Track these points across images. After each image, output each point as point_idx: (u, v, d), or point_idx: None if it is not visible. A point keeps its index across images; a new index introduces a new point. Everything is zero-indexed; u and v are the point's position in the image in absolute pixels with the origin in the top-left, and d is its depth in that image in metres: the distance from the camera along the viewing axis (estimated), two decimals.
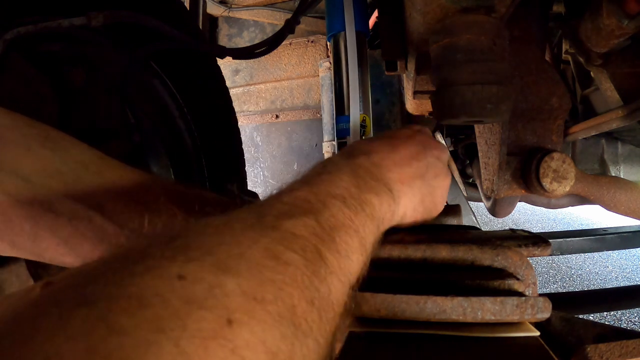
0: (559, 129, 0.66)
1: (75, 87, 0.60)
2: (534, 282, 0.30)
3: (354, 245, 0.25)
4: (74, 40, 0.60)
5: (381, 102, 1.36)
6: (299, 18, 0.79)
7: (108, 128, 0.64)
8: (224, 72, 0.93)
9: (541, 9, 0.71)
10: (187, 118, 0.79)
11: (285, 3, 1.59)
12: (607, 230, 1.20)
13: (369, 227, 0.27)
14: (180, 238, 0.18)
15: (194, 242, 0.18)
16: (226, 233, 0.19)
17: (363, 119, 0.76)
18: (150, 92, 0.75)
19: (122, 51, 0.65)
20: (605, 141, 1.00)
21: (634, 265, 2.38)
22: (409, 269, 0.31)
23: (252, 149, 1.63)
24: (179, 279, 0.15)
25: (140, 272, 0.15)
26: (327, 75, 1.40)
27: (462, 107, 0.45)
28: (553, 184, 0.62)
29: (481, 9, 0.44)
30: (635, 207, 0.71)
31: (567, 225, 3.36)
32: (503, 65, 0.46)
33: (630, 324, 1.71)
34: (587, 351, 0.27)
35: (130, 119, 0.67)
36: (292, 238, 0.21)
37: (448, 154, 0.39)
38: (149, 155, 0.76)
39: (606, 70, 0.68)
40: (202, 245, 0.18)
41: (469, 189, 1.31)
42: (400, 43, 0.64)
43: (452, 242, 0.32)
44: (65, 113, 0.59)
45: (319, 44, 1.56)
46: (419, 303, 0.27)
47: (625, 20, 0.53)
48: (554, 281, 2.20)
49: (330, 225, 0.24)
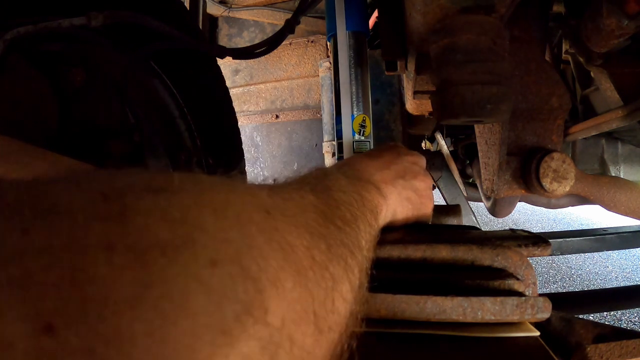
0: (559, 129, 0.66)
1: (75, 87, 0.60)
2: (534, 282, 0.30)
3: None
4: (74, 40, 0.60)
5: (381, 102, 1.36)
6: (299, 18, 0.79)
7: (108, 128, 0.64)
8: (224, 72, 0.93)
9: (541, 9, 0.71)
10: (187, 118, 0.79)
11: (285, 3, 1.59)
12: (607, 230, 1.20)
13: (367, 216, 0.29)
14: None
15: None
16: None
17: (363, 119, 0.76)
18: (150, 92, 0.75)
19: (122, 51, 0.65)
20: (605, 141, 1.00)
21: (634, 265, 2.38)
22: (409, 269, 0.31)
23: (252, 149, 1.63)
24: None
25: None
26: (327, 75, 1.40)
27: (462, 107, 0.45)
28: (553, 184, 0.62)
29: (481, 9, 0.44)
30: (635, 207, 0.71)
31: (567, 225, 3.35)
32: (503, 65, 0.46)
33: (630, 324, 1.71)
34: (587, 351, 0.27)
35: (130, 119, 0.67)
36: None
37: (424, 160, 0.44)
38: (149, 155, 0.76)
39: (606, 70, 0.68)
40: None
41: (469, 189, 1.31)
42: (400, 43, 0.64)
43: (452, 242, 0.32)
44: (65, 113, 0.59)
45: (319, 44, 1.56)
46: (419, 303, 0.27)
47: (625, 20, 0.52)
48: (554, 281, 2.20)
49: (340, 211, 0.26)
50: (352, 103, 0.75)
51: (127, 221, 0.12)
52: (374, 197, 0.33)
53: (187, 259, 0.13)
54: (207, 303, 0.12)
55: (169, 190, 0.15)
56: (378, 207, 0.34)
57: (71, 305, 0.10)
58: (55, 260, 0.11)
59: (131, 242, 0.12)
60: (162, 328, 0.11)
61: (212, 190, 0.16)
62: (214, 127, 0.86)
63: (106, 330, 0.10)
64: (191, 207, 0.14)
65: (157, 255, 0.12)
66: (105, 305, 0.10)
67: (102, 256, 0.11)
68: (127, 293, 0.11)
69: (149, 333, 0.11)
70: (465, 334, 0.26)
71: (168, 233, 0.13)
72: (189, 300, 0.12)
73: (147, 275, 0.11)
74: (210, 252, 0.13)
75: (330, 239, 0.21)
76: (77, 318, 0.10)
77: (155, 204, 0.14)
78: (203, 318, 0.12)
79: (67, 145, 0.59)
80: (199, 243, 0.13)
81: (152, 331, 0.11)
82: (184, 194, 0.15)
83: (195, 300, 0.12)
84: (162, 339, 0.11)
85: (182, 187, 0.15)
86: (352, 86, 0.76)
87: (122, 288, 0.11)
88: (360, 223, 0.26)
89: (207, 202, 0.15)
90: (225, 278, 0.13)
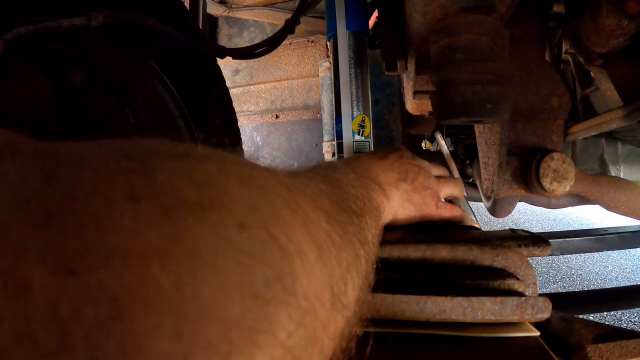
0: (559, 129, 0.65)
1: (75, 87, 0.60)
2: (534, 282, 0.30)
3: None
4: (74, 40, 0.60)
5: (381, 102, 1.36)
6: (299, 18, 0.79)
7: (108, 128, 0.64)
8: (224, 72, 0.93)
9: (541, 9, 0.71)
10: (187, 118, 0.79)
11: (285, 3, 1.59)
12: (607, 230, 1.20)
13: (373, 212, 0.30)
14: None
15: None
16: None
17: (362, 119, 0.76)
18: (150, 92, 0.75)
19: (122, 51, 0.65)
20: (605, 141, 1.00)
21: (634, 265, 2.38)
22: (409, 269, 0.31)
23: (252, 149, 1.63)
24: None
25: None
26: (327, 75, 1.40)
27: (462, 107, 0.45)
28: (553, 184, 0.62)
29: (481, 9, 0.44)
30: (635, 207, 0.71)
31: (567, 225, 3.35)
32: (503, 65, 0.46)
33: (630, 324, 1.71)
34: (587, 351, 0.27)
35: (130, 119, 0.67)
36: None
37: (427, 164, 0.46)
38: None
39: (606, 70, 0.68)
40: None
41: (469, 189, 1.31)
42: (400, 43, 0.64)
43: (452, 242, 0.32)
44: (65, 113, 0.59)
45: (319, 44, 1.56)
46: (419, 303, 0.27)
47: (625, 20, 0.53)
48: (554, 281, 2.20)
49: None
50: (352, 103, 0.75)
51: (153, 178, 0.12)
52: (378, 197, 0.34)
53: (215, 219, 0.12)
54: (236, 265, 0.12)
55: (193, 156, 0.14)
56: (381, 206, 0.34)
57: (94, 251, 0.10)
58: (79, 206, 0.10)
59: (157, 197, 0.11)
60: (191, 285, 0.10)
61: (236, 163, 0.16)
62: (214, 127, 0.86)
63: (131, 280, 0.10)
64: (216, 173, 0.14)
65: (185, 213, 0.12)
66: (130, 255, 0.10)
67: (128, 207, 0.11)
68: (154, 245, 0.10)
69: (178, 288, 0.10)
70: (465, 334, 0.26)
71: (194, 194, 0.12)
72: (218, 259, 0.11)
73: (175, 230, 0.11)
74: (238, 215, 0.13)
75: (344, 225, 0.21)
76: (100, 264, 0.09)
77: (180, 166, 0.13)
78: (233, 279, 0.11)
79: None
80: (226, 206, 0.13)
81: (181, 286, 0.10)
82: (209, 161, 0.15)
83: (225, 260, 0.12)
84: (192, 295, 0.10)
85: (206, 155, 0.15)
86: (352, 86, 0.76)
87: (149, 240, 0.10)
88: (367, 217, 0.27)
89: (232, 171, 0.15)
90: (255, 241, 0.13)
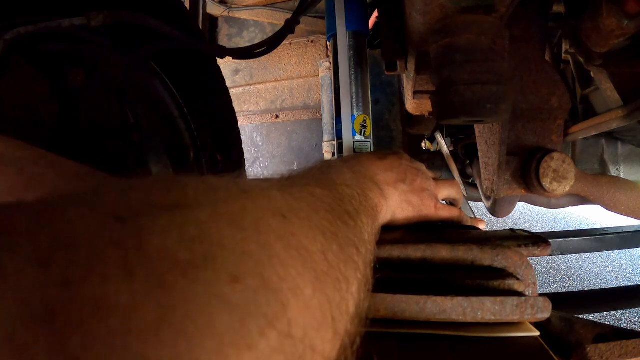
0: (559, 129, 0.65)
1: (75, 87, 0.60)
2: (534, 282, 0.30)
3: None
4: (74, 40, 0.60)
5: (381, 102, 1.36)
6: (299, 18, 0.79)
7: (108, 128, 0.64)
8: (224, 72, 0.93)
9: (541, 9, 0.71)
10: (187, 118, 0.79)
11: (285, 3, 1.59)
12: (607, 230, 1.20)
13: (370, 211, 0.31)
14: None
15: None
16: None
17: (364, 119, 0.76)
18: (150, 92, 0.75)
19: (122, 51, 0.65)
20: (605, 141, 1.00)
21: (634, 265, 2.37)
22: (409, 269, 0.31)
23: (252, 149, 1.63)
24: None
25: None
26: (327, 75, 1.40)
27: (462, 107, 0.45)
28: (553, 184, 0.62)
29: (481, 9, 0.44)
30: (635, 207, 0.71)
31: (567, 225, 3.35)
32: (503, 65, 0.46)
33: (630, 324, 1.71)
34: (587, 351, 0.27)
35: (130, 119, 0.67)
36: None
37: (424, 167, 0.47)
38: (149, 155, 0.76)
39: (606, 70, 0.68)
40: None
41: (469, 189, 1.31)
42: (400, 43, 0.64)
43: (452, 242, 0.32)
44: (65, 113, 0.59)
45: (319, 44, 1.56)
46: (419, 303, 0.27)
47: (625, 20, 0.52)
48: (554, 281, 2.20)
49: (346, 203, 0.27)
50: (352, 103, 0.75)
51: (145, 245, 0.12)
52: (375, 196, 0.34)
53: (208, 277, 0.13)
54: (231, 320, 0.12)
55: (185, 205, 0.15)
56: (378, 206, 0.34)
57: (97, 338, 0.10)
58: (77, 293, 0.11)
59: (150, 267, 0.12)
60: (188, 350, 0.11)
61: (228, 200, 0.17)
62: (214, 127, 0.86)
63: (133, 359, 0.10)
64: (208, 222, 0.14)
65: (178, 277, 0.12)
66: (129, 334, 0.10)
67: (123, 285, 0.11)
68: (151, 319, 0.11)
69: (176, 356, 0.11)
70: (465, 334, 0.26)
71: (187, 253, 0.13)
72: (212, 319, 0.12)
73: (169, 299, 0.11)
74: (231, 267, 0.13)
75: (340, 238, 0.21)
76: (104, 351, 0.10)
77: (171, 222, 0.14)
78: (228, 336, 0.12)
79: (67, 146, 0.59)
80: (219, 260, 0.13)
81: (178, 354, 0.11)
82: (200, 208, 0.15)
83: (219, 318, 0.12)
84: None
85: (197, 199, 0.15)
86: (352, 86, 0.76)
87: (146, 315, 0.11)
88: (363, 217, 0.27)
89: (224, 214, 0.15)
90: (247, 293, 0.13)
